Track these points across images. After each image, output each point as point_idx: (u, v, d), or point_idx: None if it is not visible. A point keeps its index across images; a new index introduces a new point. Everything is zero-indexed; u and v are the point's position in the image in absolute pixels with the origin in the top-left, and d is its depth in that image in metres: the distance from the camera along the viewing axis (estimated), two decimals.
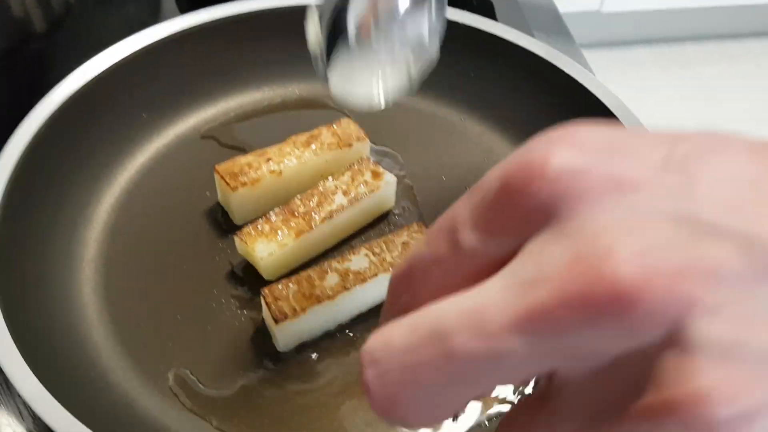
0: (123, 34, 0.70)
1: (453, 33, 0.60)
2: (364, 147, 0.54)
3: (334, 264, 0.46)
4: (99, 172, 0.53)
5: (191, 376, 0.43)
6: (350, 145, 0.53)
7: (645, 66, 2.11)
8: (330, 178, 0.51)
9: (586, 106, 0.54)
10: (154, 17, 0.75)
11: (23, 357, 0.37)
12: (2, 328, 0.38)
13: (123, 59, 0.55)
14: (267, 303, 0.44)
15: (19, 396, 0.41)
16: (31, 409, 0.36)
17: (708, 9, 2.13)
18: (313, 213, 0.49)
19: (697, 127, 0.19)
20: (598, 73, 0.61)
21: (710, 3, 2.08)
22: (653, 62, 2.12)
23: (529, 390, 0.42)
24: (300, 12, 0.61)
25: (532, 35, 0.69)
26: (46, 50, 0.71)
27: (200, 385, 0.43)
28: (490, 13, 0.73)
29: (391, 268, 0.46)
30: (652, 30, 2.17)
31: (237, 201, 0.50)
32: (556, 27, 0.74)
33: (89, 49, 0.70)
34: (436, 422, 0.20)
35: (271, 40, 0.60)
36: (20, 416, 0.41)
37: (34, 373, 0.37)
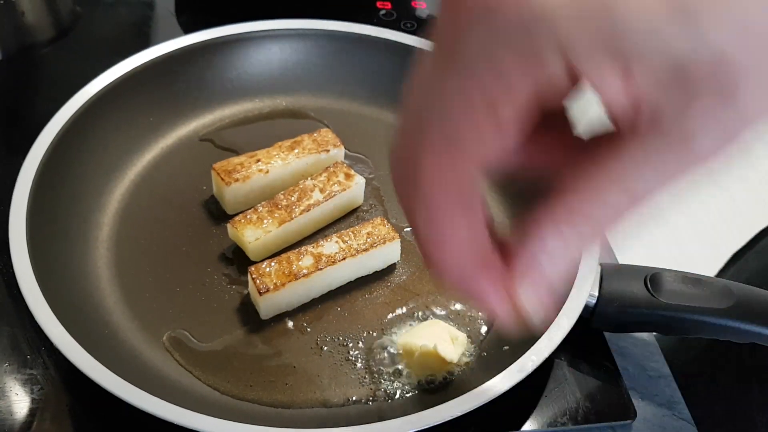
0: (125, 43, 0.78)
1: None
2: (340, 153, 0.63)
3: (310, 248, 0.55)
4: (111, 166, 0.61)
5: (186, 334, 0.52)
6: (328, 150, 0.62)
7: None
8: (309, 177, 0.60)
9: None
10: (147, 27, 0.83)
11: (54, 314, 0.46)
12: (37, 294, 0.47)
13: (133, 70, 0.64)
14: (253, 278, 0.53)
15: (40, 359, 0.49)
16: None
17: None
18: (293, 206, 0.58)
19: None
20: None
21: None
22: None
23: None
24: (287, 35, 0.70)
25: None
26: (54, 55, 0.79)
27: (193, 340, 0.51)
28: None
29: (356, 254, 0.55)
30: None
31: (230, 194, 0.59)
32: None
33: (94, 55, 0.79)
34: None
35: (263, 58, 0.70)
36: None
37: (62, 324, 0.45)
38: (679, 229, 1.80)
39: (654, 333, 0.55)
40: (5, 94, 0.73)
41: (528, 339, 0.47)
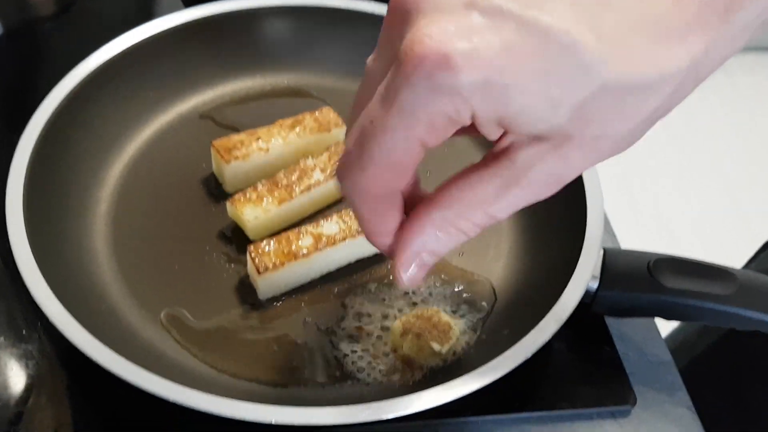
0: (127, 18, 0.76)
1: None
2: (341, 132, 0.63)
3: (310, 228, 0.55)
4: (110, 141, 0.61)
5: (184, 312, 0.51)
6: (329, 130, 0.62)
7: None
8: (310, 157, 0.59)
9: None
10: (151, 1, 0.83)
11: (51, 290, 0.45)
12: (34, 269, 0.46)
13: (134, 45, 0.63)
14: (252, 257, 0.52)
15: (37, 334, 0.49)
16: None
17: None
18: (294, 185, 0.57)
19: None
20: None
21: None
22: None
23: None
24: (290, 10, 0.69)
25: None
26: (55, 30, 0.78)
27: (191, 318, 0.51)
28: None
29: (357, 235, 0.54)
30: None
31: (230, 172, 0.58)
32: None
33: (95, 31, 0.78)
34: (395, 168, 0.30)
35: (266, 34, 0.69)
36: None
37: (59, 300, 0.45)
38: (711, 219, 1.79)
39: (655, 318, 0.54)
40: (6, 69, 0.72)
41: (528, 323, 0.47)
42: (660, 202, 1.84)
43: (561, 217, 0.55)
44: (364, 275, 0.55)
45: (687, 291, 0.48)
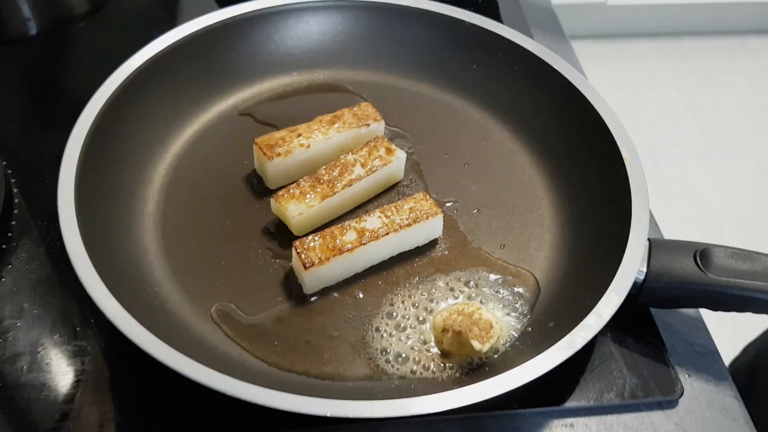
0: (159, 16, 0.77)
1: (458, 30, 0.69)
2: (380, 127, 0.63)
3: (353, 224, 0.55)
4: (154, 140, 0.61)
5: (233, 307, 0.52)
6: (368, 124, 0.62)
7: (647, 57, 2.18)
8: (350, 152, 0.60)
9: (570, 96, 0.62)
10: (181, 2, 0.83)
11: (106, 287, 0.46)
12: (89, 267, 0.47)
13: (173, 44, 0.63)
14: (298, 252, 0.53)
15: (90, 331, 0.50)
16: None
17: (709, 5, 2.19)
18: (335, 181, 0.58)
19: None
20: (602, 62, 0.70)
21: None
22: (655, 54, 2.19)
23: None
24: (325, 6, 0.70)
25: (530, 32, 0.78)
26: (88, 29, 0.79)
27: (240, 313, 0.52)
28: (494, 10, 0.82)
29: (399, 229, 0.55)
30: (655, 23, 2.23)
31: (272, 169, 0.59)
32: (550, 24, 0.82)
33: (128, 29, 0.79)
34: None
35: (301, 31, 0.69)
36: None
37: (115, 297, 0.46)
38: (752, 207, 1.77)
39: (701, 309, 0.54)
40: (40, 68, 0.73)
41: (574, 316, 0.47)
42: (699, 191, 1.82)
43: (605, 208, 0.55)
44: (406, 268, 0.56)
45: (735, 282, 0.48)
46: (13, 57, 0.74)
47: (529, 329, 0.52)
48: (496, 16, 0.81)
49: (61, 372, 0.49)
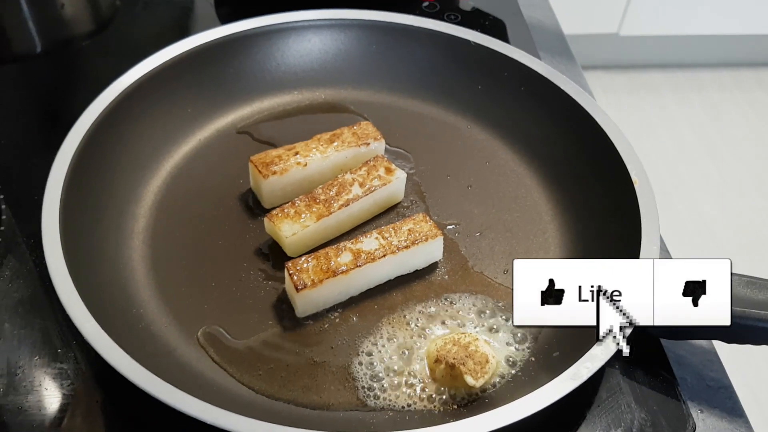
0: (163, 36, 0.76)
1: (463, 50, 0.67)
2: (380, 146, 0.61)
3: (349, 245, 0.53)
4: (148, 157, 0.60)
5: (221, 330, 0.50)
6: (368, 143, 0.60)
7: (659, 88, 2.16)
8: (348, 171, 0.58)
9: (578, 118, 0.60)
10: (187, 19, 0.83)
11: (87, 308, 0.44)
12: (70, 288, 0.45)
13: (170, 61, 0.62)
14: (290, 274, 0.51)
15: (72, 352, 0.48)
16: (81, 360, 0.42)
17: (722, 37, 2.18)
18: (332, 200, 0.56)
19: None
20: (614, 92, 0.68)
21: (725, 31, 2.13)
22: (666, 85, 2.17)
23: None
24: (327, 25, 0.68)
25: (538, 55, 0.76)
26: (93, 49, 0.78)
27: (228, 337, 0.50)
28: (501, 32, 0.80)
29: (397, 251, 0.53)
30: (668, 55, 2.22)
31: (267, 187, 0.57)
32: (559, 48, 0.80)
33: (132, 49, 0.78)
34: None
35: (302, 49, 0.68)
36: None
37: (94, 318, 0.44)
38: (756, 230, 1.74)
39: (715, 341, 0.51)
40: (44, 87, 0.73)
41: (580, 346, 0.44)
42: (710, 223, 1.79)
43: (613, 234, 0.52)
44: (404, 292, 0.54)
45: (750, 313, 0.45)
46: (17, 75, 0.74)
47: (532, 359, 0.49)
48: (503, 39, 0.80)
49: (39, 395, 0.47)
